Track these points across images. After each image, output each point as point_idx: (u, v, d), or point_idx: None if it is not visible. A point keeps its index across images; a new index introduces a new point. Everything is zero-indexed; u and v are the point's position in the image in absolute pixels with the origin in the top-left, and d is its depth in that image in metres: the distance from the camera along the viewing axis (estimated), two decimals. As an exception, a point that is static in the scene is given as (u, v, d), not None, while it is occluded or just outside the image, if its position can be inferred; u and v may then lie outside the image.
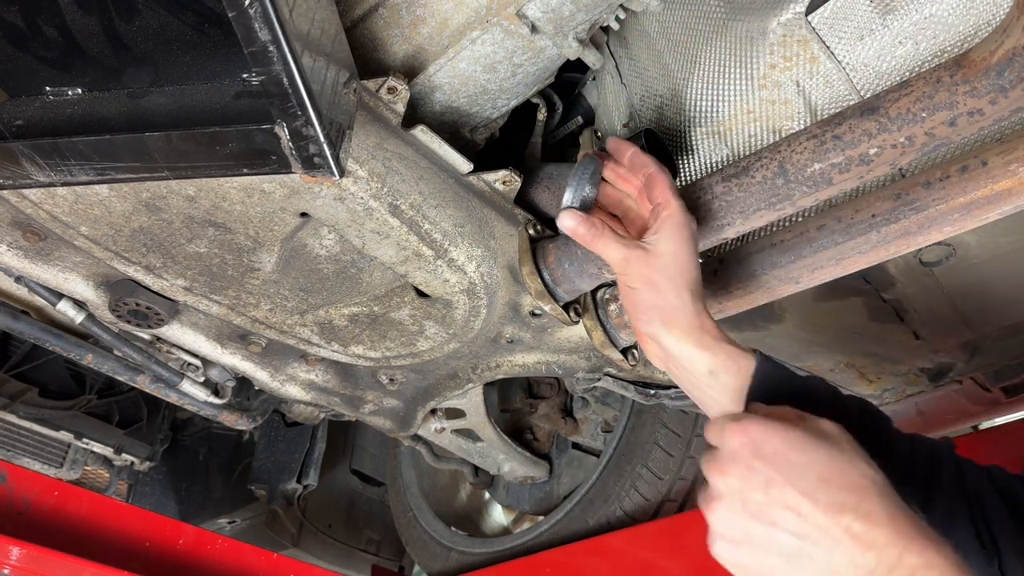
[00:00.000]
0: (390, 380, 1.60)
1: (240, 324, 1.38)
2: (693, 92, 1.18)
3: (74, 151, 0.85)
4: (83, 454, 2.46)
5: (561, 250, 1.22)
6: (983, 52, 0.78)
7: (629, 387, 1.58)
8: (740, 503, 0.69)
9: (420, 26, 1.12)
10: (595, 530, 1.93)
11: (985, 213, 0.95)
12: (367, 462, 3.19)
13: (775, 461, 0.67)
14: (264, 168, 0.84)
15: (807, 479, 0.65)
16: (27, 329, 1.47)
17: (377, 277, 1.30)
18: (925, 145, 0.85)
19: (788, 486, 0.66)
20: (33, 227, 1.18)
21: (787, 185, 0.95)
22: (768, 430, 0.69)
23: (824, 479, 0.65)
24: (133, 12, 0.81)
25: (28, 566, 1.55)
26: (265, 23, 0.70)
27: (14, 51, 0.85)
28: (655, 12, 1.22)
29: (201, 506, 3.02)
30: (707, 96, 1.16)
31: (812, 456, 0.67)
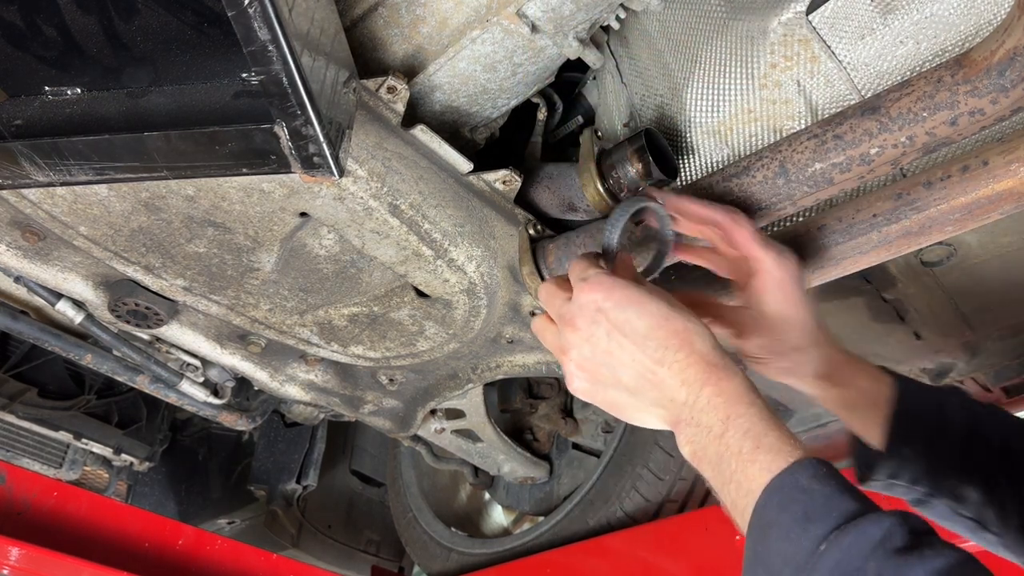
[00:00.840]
0: (390, 380, 1.59)
1: (239, 324, 1.38)
2: (693, 92, 1.18)
3: (73, 151, 0.85)
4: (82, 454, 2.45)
5: (561, 250, 1.22)
6: (984, 52, 0.78)
7: (629, 387, 1.58)
8: (589, 349, 0.80)
9: (420, 25, 1.11)
10: (595, 531, 1.93)
11: (986, 213, 0.95)
12: (367, 463, 3.19)
13: (614, 314, 0.79)
14: (263, 168, 0.84)
15: (639, 329, 0.77)
16: (26, 329, 1.47)
17: (377, 277, 1.29)
18: (926, 145, 0.85)
19: (624, 336, 0.78)
20: (32, 227, 1.18)
21: (788, 185, 0.95)
22: (609, 288, 0.80)
23: (653, 328, 0.77)
24: (132, 12, 0.81)
25: (27, 566, 1.55)
26: (264, 22, 0.70)
27: (13, 51, 0.84)
28: (656, 11, 1.22)
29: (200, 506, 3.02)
30: (707, 96, 1.16)
31: (644, 309, 0.78)
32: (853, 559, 0.60)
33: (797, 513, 0.64)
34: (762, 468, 0.67)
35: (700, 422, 0.73)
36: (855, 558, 0.60)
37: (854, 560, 0.60)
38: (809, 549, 0.62)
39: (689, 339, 0.77)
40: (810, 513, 0.63)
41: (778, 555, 0.64)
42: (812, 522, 0.63)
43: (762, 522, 0.66)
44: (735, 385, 0.73)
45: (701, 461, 0.74)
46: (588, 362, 0.81)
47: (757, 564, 0.67)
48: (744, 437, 0.70)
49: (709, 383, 0.74)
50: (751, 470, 0.68)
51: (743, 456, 0.69)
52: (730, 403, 0.72)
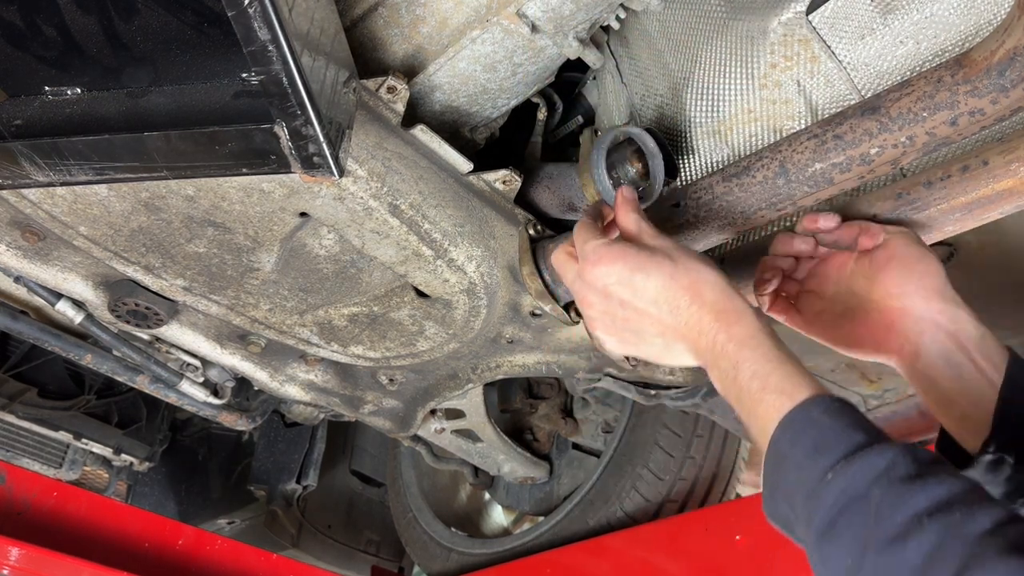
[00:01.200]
0: (390, 380, 1.59)
1: (239, 324, 1.38)
2: (693, 92, 1.18)
3: (73, 151, 0.85)
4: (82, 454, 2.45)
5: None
6: (984, 52, 0.78)
7: (629, 387, 1.58)
8: (610, 320, 0.86)
9: (420, 25, 1.11)
10: (595, 531, 1.93)
11: (986, 213, 0.95)
12: (367, 463, 3.19)
13: (620, 290, 0.83)
14: (263, 168, 0.84)
15: (649, 295, 0.82)
16: (26, 329, 1.47)
17: (377, 277, 1.29)
18: (926, 145, 0.85)
19: (637, 304, 0.83)
20: (32, 227, 1.18)
21: (788, 185, 0.95)
22: (610, 263, 0.84)
23: (661, 289, 0.81)
24: (132, 12, 0.81)
25: (27, 567, 1.55)
26: (264, 22, 0.70)
27: (13, 51, 0.84)
28: (656, 11, 1.22)
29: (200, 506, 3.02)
30: (707, 96, 1.16)
31: (648, 272, 0.82)
32: (858, 486, 0.62)
33: (808, 446, 0.67)
34: (768, 407, 0.71)
35: (719, 366, 0.78)
36: (860, 485, 0.62)
37: (859, 487, 0.62)
38: (817, 478, 0.65)
39: (698, 291, 0.80)
40: (819, 445, 0.66)
41: (792, 484, 0.68)
42: (821, 453, 0.66)
43: (776, 456, 0.70)
44: (743, 328, 0.77)
45: (729, 399, 0.78)
46: (612, 329, 0.87)
47: (776, 493, 0.71)
48: (752, 379, 0.73)
49: (720, 330, 0.77)
50: (759, 410, 0.72)
51: (753, 396, 0.73)
52: (738, 347, 0.76)
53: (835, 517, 0.63)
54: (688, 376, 1.54)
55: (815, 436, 0.67)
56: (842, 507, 0.63)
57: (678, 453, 1.91)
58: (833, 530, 0.63)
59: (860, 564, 0.61)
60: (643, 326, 0.84)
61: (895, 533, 0.59)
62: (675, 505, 1.90)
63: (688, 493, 1.91)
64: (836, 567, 0.63)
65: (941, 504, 0.59)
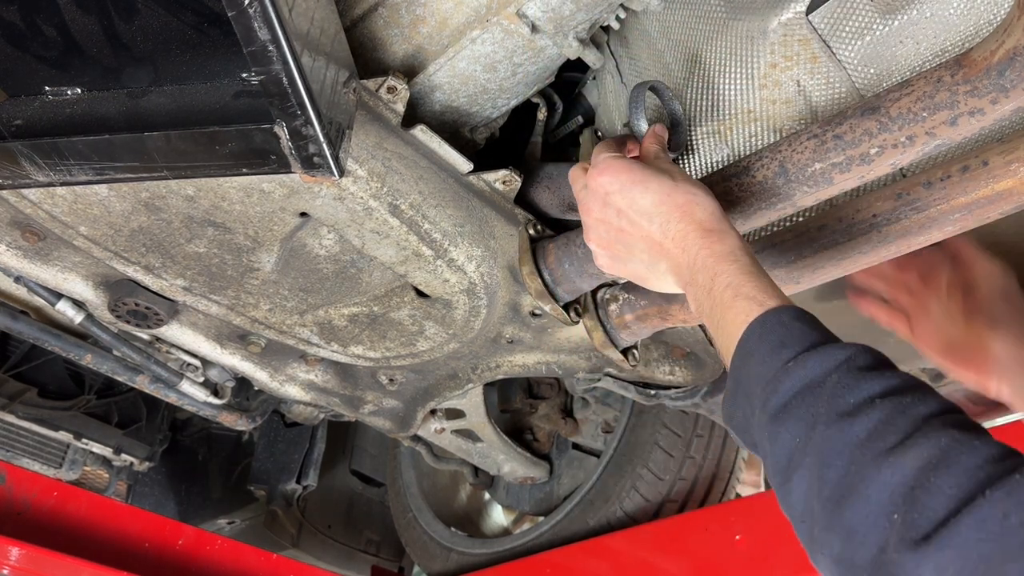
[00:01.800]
0: (390, 380, 1.59)
1: (239, 324, 1.38)
2: (693, 92, 1.18)
3: (73, 151, 0.85)
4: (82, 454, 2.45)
5: (561, 250, 1.22)
6: (984, 52, 0.78)
7: (629, 387, 1.58)
8: (604, 229, 0.90)
9: (420, 25, 1.11)
10: (595, 531, 1.93)
11: (986, 213, 0.95)
12: (367, 463, 3.19)
13: (620, 197, 0.87)
14: (263, 168, 0.84)
15: (645, 208, 0.85)
16: (26, 329, 1.47)
17: (377, 277, 1.29)
18: (926, 144, 0.85)
19: (632, 215, 0.86)
20: (32, 227, 1.18)
21: (788, 185, 0.95)
22: (615, 172, 0.88)
23: (657, 203, 0.84)
24: (132, 12, 0.81)
25: (27, 566, 1.55)
26: (265, 22, 0.70)
27: (13, 51, 0.84)
28: (656, 11, 1.22)
29: (200, 506, 3.02)
30: (707, 96, 1.16)
31: (647, 186, 0.85)
32: (815, 373, 0.66)
33: (773, 342, 0.70)
34: (738, 312, 0.75)
35: (696, 281, 0.81)
36: (817, 372, 0.66)
37: (816, 374, 0.66)
38: (778, 367, 0.68)
39: (690, 210, 0.83)
40: (785, 341, 0.70)
41: (753, 378, 0.71)
42: (785, 347, 0.69)
43: (743, 352, 0.73)
44: (725, 246, 0.80)
45: (703, 316, 0.81)
46: (605, 241, 0.91)
47: (738, 390, 0.74)
48: (726, 289, 0.77)
49: (704, 247, 0.81)
50: (729, 315, 0.76)
51: (725, 304, 0.76)
52: (718, 262, 0.79)
53: (789, 400, 0.66)
54: (688, 376, 1.55)
55: (782, 334, 0.70)
56: (797, 391, 0.66)
57: (678, 453, 1.91)
58: (785, 412, 0.66)
59: (807, 440, 0.63)
60: (633, 239, 0.87)
61: (845, 411, 0.62)
62: (675, 505, 1.90)
63: (688, 493, 1.91)
64: (784, 445, 0.65)
65: (895, 390, 0.62)
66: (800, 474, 0.63)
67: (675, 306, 1.24)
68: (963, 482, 0.53)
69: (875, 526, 0.56)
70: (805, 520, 0.63)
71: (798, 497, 0.63)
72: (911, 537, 0.53)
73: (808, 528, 0.63)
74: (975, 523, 0.51)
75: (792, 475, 0.64)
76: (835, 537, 0.59)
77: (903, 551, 0.53)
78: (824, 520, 0.60)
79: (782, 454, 0.66)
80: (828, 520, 0.60)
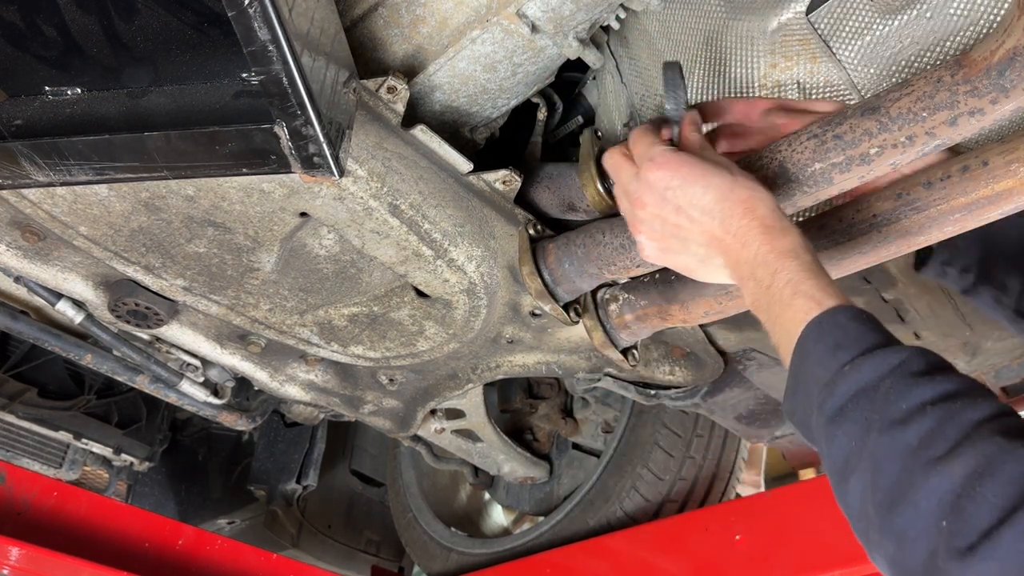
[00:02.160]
0: (390, 380, 1.59)
1: (239, 324, 1.38)
2: (693, 92, 1.18)
3: (73, 151, 0.85)
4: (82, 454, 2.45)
5: (561, 250, 1.22)
6: (984, 52, 0.78)
7: (629, 387, 1.58)
8: (660, 223, 0.89)
9: (420, 25, 1.11)
10: (595, 531, 1.93)
11: (986, 213, 0.95)
12: (367, 463, 3.19)
13: (681, 193, 0.86)
14: (263, 168, 0.84)
15: (706, 204, 0.85)
16: (26, 329, 1.47)
17: (377, 277, 1.29)
18: (926, 145, 0.85)
19: (692, 211, 0.86)
20: (32, 227, 1.18)
21: (787, 185, 0.95)
22: (676, 167, 0.87)
23: (719, 200, 0.84)
24: (132, 12, 0.81)
25: (27, 566, 1.55)
26: (265, 22, 0.70)
27: (14, 51, 0.84)
28: (656, 11, 1.22)
29: (200, 506, 3.02)
30: (707, 96, 1.16)
31: (708, 182, 0.85)
32: (870, 377, 0.67)
33: (830, 343, 0.72)
34: (797, 310, 0.75)
35: (755, 276, 0.81)
36: (872, 377, 0.67)
37: (871, 378, 0.67)
38: (835, 369, 0.70)
39: (752, 206, 0.83)
40: (841, 343, 0.71)
41: (811, 378, 0.73)
42: (842, 349, 0.71)
43: (801, 352, 0.75)
44: (787, 243, 0.80)
45: (758, 311, 0.83)
46: (659, 235, 0.90)
47: (797, 388, 0.76)
48: (786, 286, 0.77)
49: (765, 243, 0.81)
50: (788, 313, 0.76)
51: (784, 301, 0.77)
52: (779, 259, 0.79)
53: (845, 404, 0.68)
54: (688, 376, 1.55)
55: (838, 336, 0.72)
56: (852, 395, 0.67)
57: (678, 453, 1.91)
58: (842, 415, 0.68)
59: (862, 445, 0.65)
60: (691, 234, 0.87)
61: (899, 418, 0.64)
62: (675, 505, 1.90)
63: (688, 493, 1.91)
64: (840, 448, 0.68)
65: (946, 395, 0.64)
66: (856, 477, 0.66)
67: (675, 306, 1.24)
68: (1007, 491, 0.55)
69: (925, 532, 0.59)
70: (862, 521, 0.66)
71: (854, 498, 0.66)
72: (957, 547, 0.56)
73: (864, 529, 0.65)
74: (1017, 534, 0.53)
75: (849, 477, 0.66)
76: (889, 541, 0.62)
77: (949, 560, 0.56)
78: (878, 523, 0.63)
79: (839, 456, 0.68)
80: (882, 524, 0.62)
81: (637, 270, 1.17)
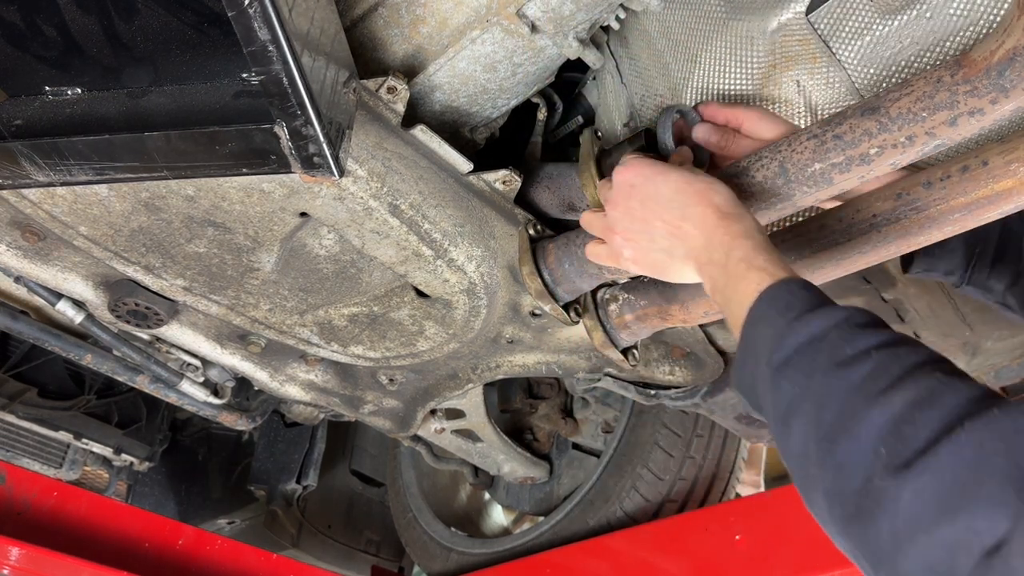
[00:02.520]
0: (390, 380, 1.59)
1: (239, 324, 1.38)
2: (693, 92, 1.18)
3: (73, 151, 0.85)
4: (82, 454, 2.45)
5: (561, 250, 1.22)
6: (984, 52, 0.78)
7: (629, 387, 1.58)
8: (628, 219, 0.96)
9: (420, 25, 1.11)
10: (595, 531, 1.93)
11: (986, 213, 0.95)
12: (367, 463, 3.19)
13: (643, 186, 0.94)
14: (263, 168, 0.84)
15: (665, 194, 0.92)
16: (26, 329, 1.47)
17: (377, 277, 1.29)
18: (925, 145, 0.85)
19: (654, 203, 0.92)
20: (32, 227, 1.18)
21: (788, 185, 0.95)
22: (639, 167, 0.95)
23: (677, 191, 0.91)
24: (133, 12, 0.81)
25: (27, 566, 1.55)
26: (265, 22, 0.70)
27: (14, 51, 0.84)
28: (655, 12, 1.22)
29: (200, 506, 3.02)
30: (707, 96, 1.16)
31: (667, 177, 0.92)
32: (817, 330, 0.70)
33: (780, 307, 0.75)
34: (751, 282, 0.79)
35: (712, 259, 0.86)
36: (819, 330, 0.70)
37: (817, 330, 0.70)
38: (784, 325, 0.73)
39: (708, 196, 0.89)
40: (791, 305, 0.75)
41: (760, 339, 0.76)
42: (791, 310, 0.74)
43: (752, 319, 0.78)
44: (741, 226, 0.85)
45: (714, 292, 0.86)
46: (630, 232, 0.96)
47: (747, 353, 0.79)
48: (740, 262, 0.82)
49: (720, 227, 0.86)
50: (742, 285, 0.80)
51: (739, 275, 0.81)
52: (734, 239, 0.84)
53: (792, 354, 0.71)
54: (688, 376, 1.55)
55: (789, 300, 0.75)
56: (799, 346, 0.71)
57: (678, 453, 1.91)
58: (787, 365, 0.71)
59: (806, 388, 0.68)
60: (655, 228, 0.92)
61: (843, 360, 0.66)
62: (675, 505, 1.90)
63: (688, 493, 1.91)
64: (785, 395, 0.70)
65: (889, 342, 0.67)
66: (798, 419, 0.68)
67: (675, 306, 1.24)
68: (945, 416, 0.57)
69: (863, 460, 0.60)
70: (801, 461, 0.67)
71: (796, 440, 0.68)
72: (894, 464, 0.57)
73: (803, 467, 0.67)
74: (953, 450, 0.55)
75: (791, 420, 0.68)
76: (827, 472, 0.63)
77: (886, 477, 0.57)
78: (818, 458, 0.64)
79: (783, 402, 0.70)
80: (822, 458, 0.64)
81: (637, 270, 1.17)
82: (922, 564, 0.54)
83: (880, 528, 0.57)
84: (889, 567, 0.56)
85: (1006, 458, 0.53)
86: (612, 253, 1.01)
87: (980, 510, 0.52)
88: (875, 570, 0.58)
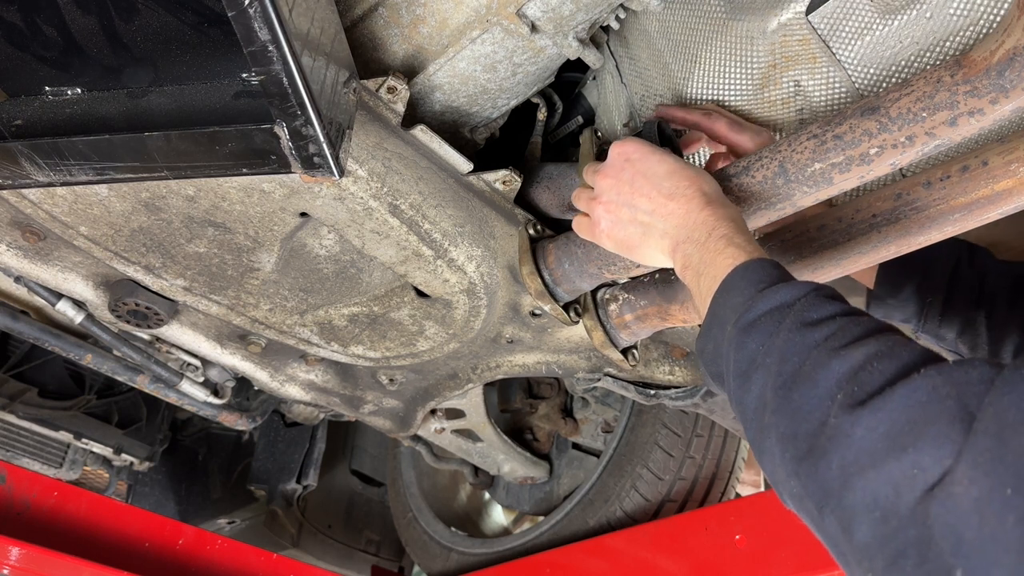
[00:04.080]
0: (390, 380, 1.59)
1: (240, 324, 1.38)
2: (693, 92, 1.18)
3: (73, 151, 0.85)
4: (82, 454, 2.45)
5: (561, 250, 1.22)
6: (984, 52, 0.78)
7: (629, 387, 1.58)
8: (615, 191, 0.98)
9: (420, 25, 1.11)
10: (595, 530, 1.93)
11: (986, 213, 0.95)
12: (367, 462, 3.19)
13: (637, 165, 0.96)
14: (264, 168, 0.84)
15: (659, 173, 0.94)
16: (26, 329, 1.47)
17: (377, 277, 1.29)
18: (925, 145, 0.85)
19: (645, 178, 0.95)
20: (32, 227, 1.18)
21: (787, 185, 0.95)
22: (634, 146, 0.98)
23: (670, 173, 0.93)
24: (133, 12, 0.81)
25: (27, 566, 1.55)
26: (265, 22, 0.70)
27: (14, 51, 0.84)
28: (655, 11, 1.22)
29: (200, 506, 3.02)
30: (707, 96, 1.16)
31: (663, 158, 0.95)
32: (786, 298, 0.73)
33: (753, 279, 0.78)
34: (727, 256, 0.82)
35: (692, 237, 0.89)
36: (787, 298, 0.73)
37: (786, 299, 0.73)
38: (752, 294, 0.76)
39: (698, 183, 0.92)
40: (763, 279, 0.77)
41: (729, 307, 0.79)
42: (762, 283, 0.77)
43: (724, 289, 0.81)
44: (726, 212, 0.89)
45: (686, 270, 0.89)
46: (612, 204, 0.98)
47: (713, 322, 0.81)
48: (720, 239, 0.85)
49: (706, 209, 0.89)
50: (718, 260, 0.83)
51: (716, 251, 0.84)
52: (718, 220, 0.87)
53: (758, 317, 0.74)
54: (688, 376, 1.55)
55: (761, 274, 0.78)
56: (768, 310, 0.73)
57: (678, 453, 1.91)
58: (754, 325, 0.74)
59: (770, 344, 0.70)
60: (640, 202, 0.95)
61: (809, 321, 0.69)
62: (675, 505, 1.90)
63: (688, 493, 1.91)
64: (748, 352, 0.73)
65: (855, 311, 0.70)
66: (759, 372, 0.70)
67: (675, 306, 1.24)
68: (902, 365, 0.60)
69: (820, 404, 0.62)
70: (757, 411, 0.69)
71: (755, 393, 0.70)
72: (849, 404, 0.59)
73: (759, 418, 0.69)
74: (908, 391, 0.57)
75: (752, 375, 0.71)
76: (783, 418, 0.65)
77: (841, 415, 0.59)
78: (775, 405, 0.66)
79: (745, 359, 0.73)
80: (778, 405, 0.66)
81: (637, 270, 1.17)
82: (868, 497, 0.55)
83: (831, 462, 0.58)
84: (835, 502, 0.57)
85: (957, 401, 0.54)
86: (591, 224, 1.02)
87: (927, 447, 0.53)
88: (820, 509, 0.59)
